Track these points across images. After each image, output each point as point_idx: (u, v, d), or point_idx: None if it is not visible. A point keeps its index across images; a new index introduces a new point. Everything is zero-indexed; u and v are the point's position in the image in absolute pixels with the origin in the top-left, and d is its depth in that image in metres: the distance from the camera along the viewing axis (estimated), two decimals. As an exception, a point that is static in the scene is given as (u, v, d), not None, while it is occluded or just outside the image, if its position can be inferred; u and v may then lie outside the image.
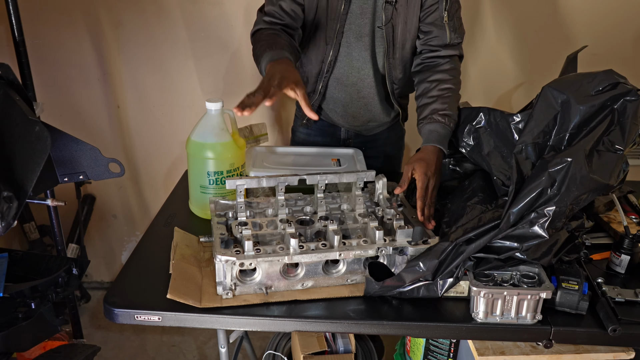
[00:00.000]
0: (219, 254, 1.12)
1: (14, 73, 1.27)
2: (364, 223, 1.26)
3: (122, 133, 2.44)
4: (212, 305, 1.13)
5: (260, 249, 1.15)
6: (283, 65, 1.33)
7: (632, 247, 1.27)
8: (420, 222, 1.28)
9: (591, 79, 1.20)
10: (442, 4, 1.56)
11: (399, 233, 1.21)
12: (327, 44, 1.62)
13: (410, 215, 1.31)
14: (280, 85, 1.24)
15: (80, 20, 2.22)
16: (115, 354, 2.34)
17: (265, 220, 1.27)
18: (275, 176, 1.29)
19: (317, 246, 1.16)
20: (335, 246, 1.17)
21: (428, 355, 1.50)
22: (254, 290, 1.17)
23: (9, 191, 1.09)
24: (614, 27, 2.28)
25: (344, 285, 1.21)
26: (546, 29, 2.29)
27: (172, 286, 1.13)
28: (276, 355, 1.72)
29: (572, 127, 1.18)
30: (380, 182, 1.37)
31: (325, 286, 1.20)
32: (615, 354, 1.16)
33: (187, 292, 1.14)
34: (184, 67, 2.32)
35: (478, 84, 2.38)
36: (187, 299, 1.12)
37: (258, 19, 1.58)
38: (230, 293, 1.15)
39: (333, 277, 1.20)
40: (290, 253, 1.14)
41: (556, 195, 1.10)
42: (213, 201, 1.35)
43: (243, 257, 1.13)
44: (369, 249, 1.18)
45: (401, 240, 1.21)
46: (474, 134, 1.39)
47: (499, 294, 1.11)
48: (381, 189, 1.37)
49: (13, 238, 2.48)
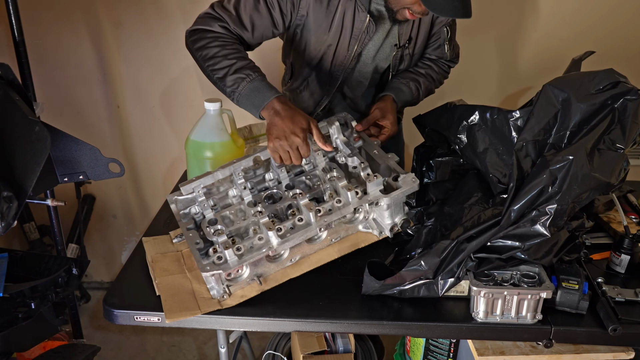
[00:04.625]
0: (204, 270, 1.10)
1: (14, 73, 1.27)
2: (332, 179, 1.25)
3: (122, 133, 2.44)
4: (212, 309, 1.13)
5: (240, 247, 1.13)
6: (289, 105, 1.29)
7: (632, 246, 1.27)
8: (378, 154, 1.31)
9: (592, 78, 1.20)
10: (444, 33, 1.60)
11: (370, 185, 1.19)
12: (322, 90, 1.60)
13: (371, 150, 1.32)
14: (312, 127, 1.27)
15: (80, 20, 2.22)
16: (115, 354, 2.34)
17: (233, 210, 1.25)
18: (228, 164, 1.26)
19: (294, 223, 1.16)
20: (312, 222, 1.16)
21: (428, 355, 1.50)
22: (247, 282, 1.16)
23: (9, 191, 1.09)
24: (615, 27, 2.28)
25: (330, 247, 1.22)
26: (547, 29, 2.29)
27: (166, 309, 1.12)
28: (276, 355, 1.72)
29: (572, 125, 1.18)
30: (334, 126, 1.34)
31: (312, 253, 1.20)
32: (615, 354, 1.16)
33: (184, 307, 1.12)
34: (184, 67, 2.32)
35: (478, 84, 2.38)
36: (186, 314, 1.11)
37: (208, 17, 1.40)
38: (225, 295, 1.14)
39: (317, 243, 1.20)
40: (273, 246, 1.14)
41: (557, 193, 1.10)
42: (173, 201, 1.29)
43: (228, 266, 1.11)
44: (345, 212, 1.17)
45: (373, 191, 1.19)
46: (468, 132, 1.39)
47: (499, 294, 1.11)
48: (336, 134, 1.34)
49: (13, 238, 2.48)
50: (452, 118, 1.43)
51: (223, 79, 1.31)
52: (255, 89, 1.29)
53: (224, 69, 1.31)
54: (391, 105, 1.54)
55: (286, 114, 1.25)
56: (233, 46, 1.35)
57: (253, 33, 1.41)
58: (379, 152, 1.33)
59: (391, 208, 1.21)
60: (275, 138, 1.23)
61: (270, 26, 1.42)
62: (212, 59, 1.33)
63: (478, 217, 1.19)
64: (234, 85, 1.30)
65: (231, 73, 1.30)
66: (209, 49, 1.34)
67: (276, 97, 1.28)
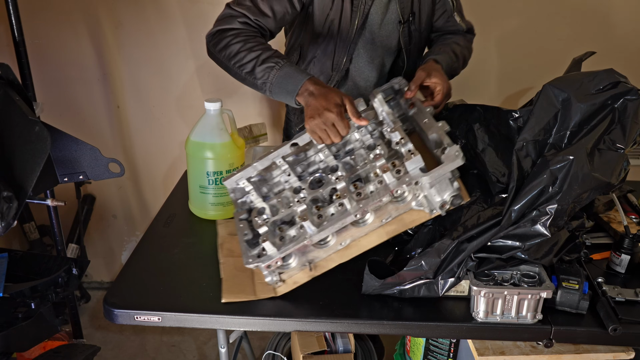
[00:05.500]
0: (246, 264, 1.13)
1: (14, 73, 1.27)
2: (374, 159, 1.17)
3: (122, 133, 2.44)
4: (266, 295, 1.16)
5: (284, 236, 1.14)
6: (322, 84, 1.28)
7: (632, 246, 1.27)
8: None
9: (592, 78, 1.20)
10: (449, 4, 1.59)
11: (408, 164, 1.09)
12: (333, 69, 1.60)
13: (421, 120, 1.21)
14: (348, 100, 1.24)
15: (80, 20, 2.22)
16: (115, 354, 2.34)
17: (280, 198, 1.24)
18: (267, 154, 1.24)
19: (336, 209, 1.12)
20: (348, 209, 1.11)
21: (428, 355, 1.50)
22: (300, 268, 1.17)
23: (9, 191, 1.09)
24: (615, 27, 2.28)
25: (381, 227, 1.15)
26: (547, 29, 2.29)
27: (224, 289, 1.16)
28: (276, 355, 1.72)
29: (572, 125, 1.18)
30: (376, 99, 1.25)
31: (363, 235, 1.15)
32: (615, 354, 1.16)
33: (241, 290, 1.17)
34: (184, 67, 2.32)
35: (478, 84, 2.38)
36: (241, 297, 1.15)
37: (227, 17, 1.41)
38: (279, 283, 1.16)
39: (365, 226, 1.14)
40: (309, 235, 1.11)
41: (558, 193, 1.10)
42: (232, 190, 1.28)
43: (268, 258, 1.12)
44: (383, 196, 1.10)
45: (413, 170, 1.10)
46: (468, 131, 1.39)
47: (499, 294, 1.11)
48: (381, 107, 1.25)
49: (13, 238, 2.48)
50: (452, 117, 1.43)
51: (252, 72, 1.31)
52: (286, 75, 1.29)
53: (252, 61, 1.31)
54: (435, 65, 1.44)
55: (319, 93, 1.24)
56: (255, 39, 1.36)
57: (275, 17, 1.43)
58: (430, 120, 1.20)
59: (436, 186, 1.11)
60: (310, 118, 1.22)
61: (289, 7, 1.45)
62: (237, 55, 1.33)
63: (477, 217, 1.19)
64: (265, 76, 1.30)
65: (259, 64, 1.30)
66: (231, 47, 1.34)
67: (308, 78, 1.27)
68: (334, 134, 1.21)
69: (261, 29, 1.42)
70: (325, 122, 1.20)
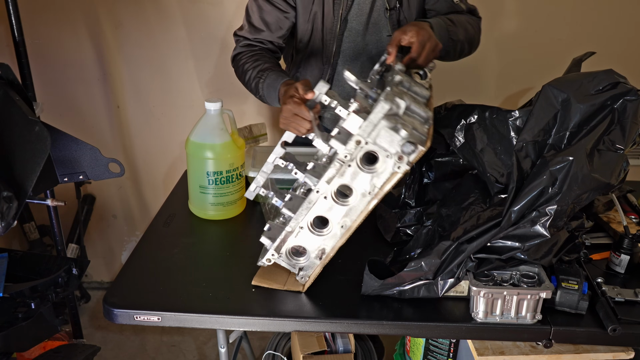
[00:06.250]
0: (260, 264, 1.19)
1: (14, 73, 1.27)
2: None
3: (122, 133, 2.44)
4: (295, 289, 1.19)
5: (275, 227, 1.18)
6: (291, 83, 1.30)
7: (632, 247, 1.27)
8: None
9: (591, 79, 1.20)
10: None
11: (345, 124, 1.03)
12: (324, 64, 1.61)
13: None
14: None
15: (80, 20, 2.22)
16: (115, 354, 2.34)
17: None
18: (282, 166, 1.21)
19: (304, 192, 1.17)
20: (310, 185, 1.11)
21: (428, 355, 1.50)
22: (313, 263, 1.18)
23: (9, 191, 1.09)
24: (615, 27, 2.28)
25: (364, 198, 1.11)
26: (547, 29, 2.29)
27: (258, 273, 1.20)
28: (276, 355, 1.72)
29: (572, 125, 1.18)
30: (345, 75, 1.17)
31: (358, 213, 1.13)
32: (614, 354, 1.16)
33: (272, 278, 1.21)
34: (184, 67, 2.32)
35: (478, 84, 2.38)
36: (270, 284, 1.19)
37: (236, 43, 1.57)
38: (304, 277, 1.19)
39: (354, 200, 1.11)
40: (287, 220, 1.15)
41: (557, 194, 1.10)
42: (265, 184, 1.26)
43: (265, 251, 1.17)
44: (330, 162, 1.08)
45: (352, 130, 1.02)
46: (466, 131, 1.39)
47: (498, 294, 1.11)
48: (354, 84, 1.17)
49: (13, 238, 2.48)
50: (451, 117, 1.44)
51: (255, 90, 1.44)
52: (269, 85, 1.39)
53: (252, 81, 1.44)
54: (414, 22, 1.34)
55: (283, 92, 1.28)
56: (253, 57, 1.47)
57: (270, 29, 1.51)
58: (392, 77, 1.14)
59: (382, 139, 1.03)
60: (280, 117, 1.25)
61: (281, 14, 1.51)
62: (242, 77, 1.49)
63: (477, 218, 1.19)
64: (260, 91, 1.43)
65: (253, 80, 1.43)
66: (240, 70, 1.50)
67: (282, 83, 1.33)
68: (300, 121, 1.20)
69: (262, 44, 1.51)
70: (287, 115, 1.22)
